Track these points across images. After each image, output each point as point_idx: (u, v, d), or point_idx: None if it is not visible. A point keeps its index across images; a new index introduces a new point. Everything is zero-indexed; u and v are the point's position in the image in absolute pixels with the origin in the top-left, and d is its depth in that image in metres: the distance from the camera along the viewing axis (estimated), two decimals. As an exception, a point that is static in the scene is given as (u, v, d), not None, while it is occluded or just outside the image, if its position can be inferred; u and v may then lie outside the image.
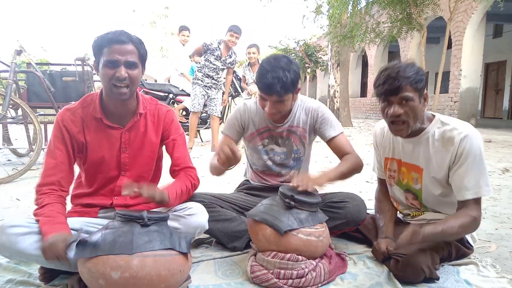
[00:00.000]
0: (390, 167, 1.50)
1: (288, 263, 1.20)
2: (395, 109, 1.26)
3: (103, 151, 1.31)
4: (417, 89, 1.25)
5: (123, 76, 1.20)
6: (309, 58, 14.60)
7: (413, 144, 1.38)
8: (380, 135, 1.55)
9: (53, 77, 3.69)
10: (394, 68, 1.26)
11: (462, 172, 1.26)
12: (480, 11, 8.22)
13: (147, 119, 1.36)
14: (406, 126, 1.29)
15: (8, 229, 1.10)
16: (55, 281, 1.22)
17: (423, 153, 1.35)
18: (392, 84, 1.24)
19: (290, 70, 1.40)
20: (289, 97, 1.45)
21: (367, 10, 7.50)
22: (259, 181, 1.70)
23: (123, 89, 1.22)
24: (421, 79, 1.26)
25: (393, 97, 1.26)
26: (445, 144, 1.29)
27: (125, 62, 1.20)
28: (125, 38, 1.21)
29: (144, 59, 1.28)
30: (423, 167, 1.36)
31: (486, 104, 12.63)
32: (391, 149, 1.48)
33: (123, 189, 1.10)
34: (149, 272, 0.98)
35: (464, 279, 1.25)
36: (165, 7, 24.26)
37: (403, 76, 1.23)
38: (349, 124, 9.87)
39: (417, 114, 1.28)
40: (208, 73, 4.54)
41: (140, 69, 1.26)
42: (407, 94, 1.24)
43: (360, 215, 1.44)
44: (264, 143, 1.64)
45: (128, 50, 1.21)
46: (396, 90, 1.24)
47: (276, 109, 1.45)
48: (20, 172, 2.92)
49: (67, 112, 1.30)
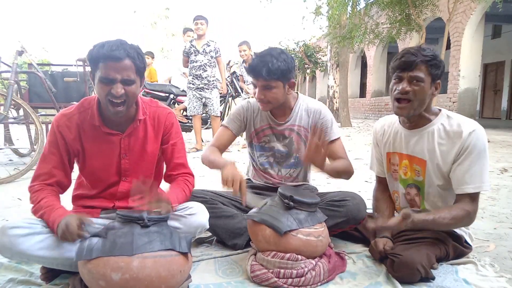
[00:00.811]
0: (393, 162, 1.49)
1: (287, 262, 1.21)
2: (404, 85, 1.26)
3: (102, 158, 1.29)
4: (431, 73, 1.25)
5: (119, 93, 1.16)
6: (308, 59, 14.61)
7: (418, 135, 1.37)
8: (380, 131, 1.54)
9: (54, 77, 3.70)
10: (416, 47, 1.28)
11: (466, 166, 1.26)
12: (478, 12, 8.23)
13: (146, 123, 1.34)
14: (410, 105, 1.28)
15: (9, 230, 1.10)
16: (57, 281, 1.23)
17: (427, 145, 1.34)
18: (408, 58, 1.24)
19: (280, 59, 1.45)
20: (278, 85, 1.48)
21: (366, 11, 7.51)
22: (261, 179, 1.71)
23: (119, 106, 1.19)
24: (437, 65, 1.26)
25: (405, 73, 1.26)
26: (452, 137, 1.29)
27: (121, 80, 1.16)
28: (121, 54, 1.14)
29: (142, 72, 1.24)
30: (426, 159, 1.35)
31: (484, 104, 12.64)
32: (392, 143, 1.47)
33: (132, 191, 1.10)
34: (149, 273, 0.99)
35: (463, 278, 1.26)
36: (166, 8, 24.25)
37: (421, 54, 1.24)
38: (348, 124, 9.87)
39: (424, 97, 1.27)
40: (195, 73, 4.58)
41: (137, 84, 1.22)
42: (419, 74, 1.24)
43: (360, 213, 1.45)
44: (266, 141, 1.65)
45: (124, 67, 1.15)
46: (410, 65, 1.24)
47: (264, 96, 1.49)
48: (21, 172, 2.93)
49: (63, 117, 1.28)
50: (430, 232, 1.34)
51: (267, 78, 1.44)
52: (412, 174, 1.42)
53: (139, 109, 1.31)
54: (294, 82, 1.54)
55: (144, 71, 1.26)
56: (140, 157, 1.33)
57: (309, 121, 1.62)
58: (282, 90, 1.50)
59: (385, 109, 12.97)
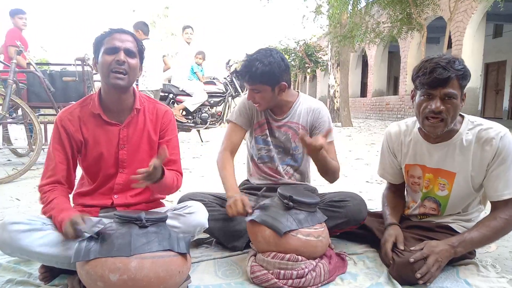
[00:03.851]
0: (413, 174, 1.42)
1: (288, 263, 1.20)
2: (437, 104, 1.16)
3: (101, 147, 1.31)
4: (461, 86, 1.18)
5: (122, 59, 1.21)
6: (309, 58, 14.61)
7: (446, 148, 1.30)
8: (396, 140, 1.45)
9: (53, 77, 3.69)
10: (443, 59, 1.17)
11: (502, 172, 1.22)
12: (480, 11, 8.22)
13: (145, 116, 1.36)
14: (444, 124, 1.20)
15: (9, 226, 1.10)
16: (55, 281, 1.22)
17: (457, 157, 1.28)
18: (441, 74, 1.14)
19: (265, 62, 1.43)
20: (264, 89, 1.49)
21: (367, 10, 7.51)
22: (260, 176, 1.69)
23: (121, 74, 1.23)
24: (467, 75, 1.18)
25: (437, 90, 1.16)
26: (482, 144, 1.24)
27: (124, 49, 1.23)
28: (125, 31, 1.28)
29: (142, 55, 1.31)
30: (456, 171, 1.29)
31: (486, 104, 12.63)
32: (413, 155, 1.39)
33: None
34: (148, 274, 0.98)
35: (464, 279, 1.25)
36: (165, 7, 24.26)
37: (453, 68, 1.15)
38: (349, 124, 9.86)
39: (456, 114, 1.20)
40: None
41: (138, 61, 1.28)
42: (452, 91, 1.16)
43: (360, 214, 1.44)
44: (263, 135, 1.65)
45: (127, 38, 1.26)
46: (444, 82, 1.15)
47: (252, 98, 1.52)
48: (20, 172, 2.92)
49: (65, 112, 1.32)
50: (438, 234, 1.32)
51: (251, 83, 1.48)
52: (435, 188, 1.37)
53: (136, 99, 1.34)
54: (285, 84, 1.51)
55: (143, 58, 1.33)
56: (138, 148, 1.35)
57: (308, 120, 1.62)
58: (270, 93, 1.50)
59: (386, 109, 12.97)
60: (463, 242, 1.22)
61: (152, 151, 1.38)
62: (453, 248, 1.20)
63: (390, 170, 1.53)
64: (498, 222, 1.23)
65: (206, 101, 5.39)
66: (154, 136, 1.37)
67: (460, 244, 1.21)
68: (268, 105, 1.57)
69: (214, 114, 5.51)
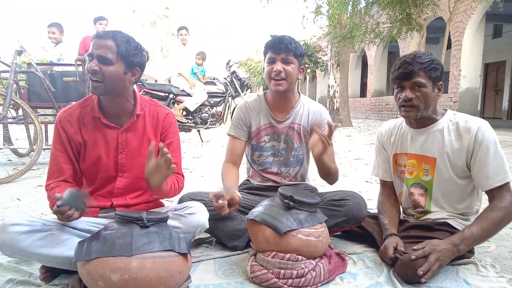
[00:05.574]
0: (400, 162, 1.50)
1: (288, 263, 1.21)
2: (407, 93, 1.31)
3: (100, 150, 1.30)
4: (430, 77, 1.29)
5: (91, 68, 1.20)
6: (309, 59, 14.60)
7: (426, 134, 1.39)
8: (385, 134, 1.56)
9: (53, 77, 3.69)
10: (411, 55, 1.31)
11: (488, 159, 1.27)
12: (479, 11, 8.23)
13: (145, 120, 1.35)
14: (416, 109, 1.32)
15: (9, 227, 1.10)
16: (56, 281, 1.23)
17: (437, 143, 1.36)
18: (406, 69, 1.29)
19: (297, 42, 1.54)
20: (295, 62, 1.52)
21: (367, 10, 7.51)
22: (261, 179, 1.70)
23: (95, 83, 1.21)
24: (435, 68, 1.29)
25: (406, 81, 1.30)
26: (461, 132, 1.32)
27: (97, 56, 1.20)
28: (106, 35, 1.21)
29: (127, 58, 1.23)
30: (436, 157, 1.37)
31: (485, 104, 12.63)
32: (400, 143, 1.48)
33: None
34: (148, 274, 0.99)
35: (463, 279, 1.25)
36: (166, 8, 24.24)
37: (418, 62, 1.28)
38: (349, 124, 9.87)
39: (428, 101, 1.31)
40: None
41: (117, 67, 1.21)
42: (420, 80, 1.28)
43: (360, 213, 1.45)
44: (266, 140, 1.65)
45: (104, 45, 1.20)
46: (409, 75, 1.29)
47: (283, 69, 1.50)
48: (20, 172, 2.92)
49: (64, 113, 1.31)
50: (437, 233, 1.32)
51: (287, 51, 1.49)
52: (420, 174, 1.42)
53: (137, 104, 1.33)
54: (303, 68, 1.59)
55: (131, 59, 1.24)
56: (138, 153, 1.34)
57: (309, 121, 1.63)
58: (296, 70, 1.54)
59: (385, 109, 12.96)
60: (464, 239, 1.23)
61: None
62: (455, 247, 1.22)
63: (382, 165, 1.59)
64: (496, 212, 1.24)
65: (206, 101, 5.40)
66: (154, 140, 1.36)
67: (461, 241, 1.22)
68: (290, 85, 1.55)
69: (214, 114, 5.52)
